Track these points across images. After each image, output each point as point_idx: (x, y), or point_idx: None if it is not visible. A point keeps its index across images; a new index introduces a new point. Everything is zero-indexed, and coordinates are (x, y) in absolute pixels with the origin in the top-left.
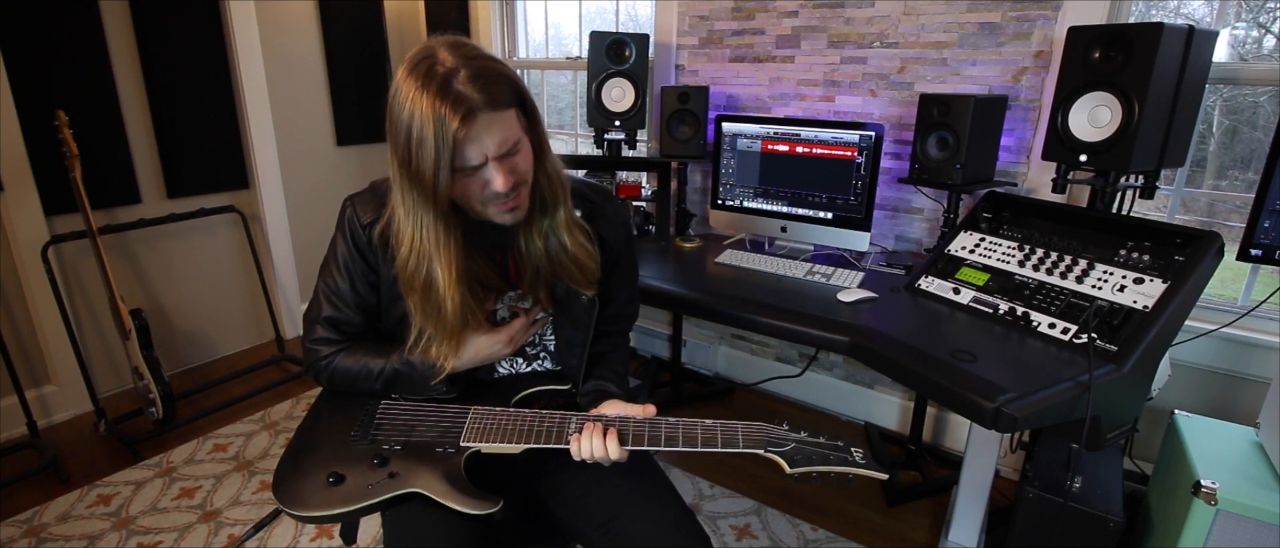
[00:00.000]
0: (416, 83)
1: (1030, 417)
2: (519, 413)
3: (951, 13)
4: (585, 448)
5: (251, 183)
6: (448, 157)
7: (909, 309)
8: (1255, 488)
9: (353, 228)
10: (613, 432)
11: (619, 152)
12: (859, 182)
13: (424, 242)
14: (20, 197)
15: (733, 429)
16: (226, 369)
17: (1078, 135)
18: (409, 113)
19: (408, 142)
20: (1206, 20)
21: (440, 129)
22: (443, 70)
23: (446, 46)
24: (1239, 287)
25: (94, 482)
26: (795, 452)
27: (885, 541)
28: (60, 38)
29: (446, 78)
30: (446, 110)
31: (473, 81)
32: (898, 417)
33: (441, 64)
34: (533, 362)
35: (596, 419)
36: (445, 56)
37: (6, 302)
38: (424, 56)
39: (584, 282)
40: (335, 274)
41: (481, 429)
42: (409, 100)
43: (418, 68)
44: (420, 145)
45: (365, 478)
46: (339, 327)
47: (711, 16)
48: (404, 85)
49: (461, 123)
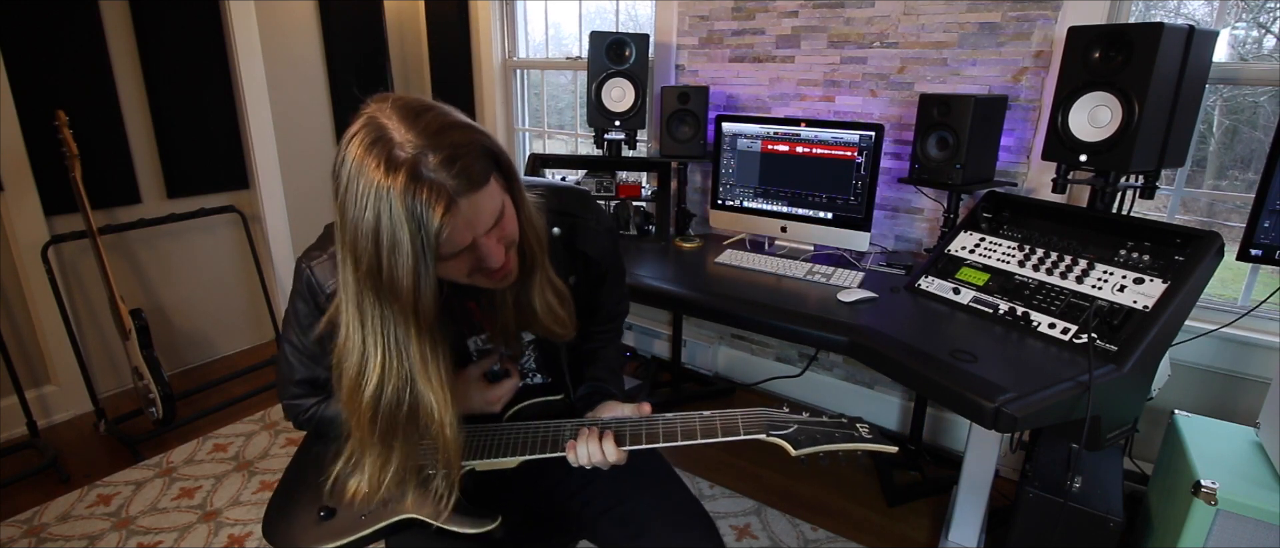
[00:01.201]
0: (374, 172)
1: (1030, 417)
2: (511, 427)
3: (951, 13)
4: (583, 454)
5: (251, 183)
6: (431, 259)
7: (909, 309)
8: (1255, 488)
9: (314, 294)
10: (609, 435)
11: (619, 152)
12: (859, 182)
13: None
14: (20, 197)
15: (732, 417)
16: (226, 369)
17: (1078, 135)
18: (374, 212)
19: (376, 247)
20: (1206, 20)
21: (419, 230)
22: (404, 156)
23: (397, 117)
24: (1239, 287)
25: (94, 482)
26: (799, 433)
27: (885, 541)
28: (60, 38)
29: (413, 165)
30: (422, 206)
31: (445, 166)
32: (898, 417)
33: (400, 148)
34: (525, 377)
35: (591, 424)
36: (400, 134)
37: (6, 302)
38: (376, 137)
39: (560, 332)
40: (301, 335)
41: (474, 447)
42: (370, 196)
43: (372, 151)
44: (393, 251)
45: (356, 509)
46: (316, 385)
47: (711, 16)
48: (358, 176)
49: (444, 216)
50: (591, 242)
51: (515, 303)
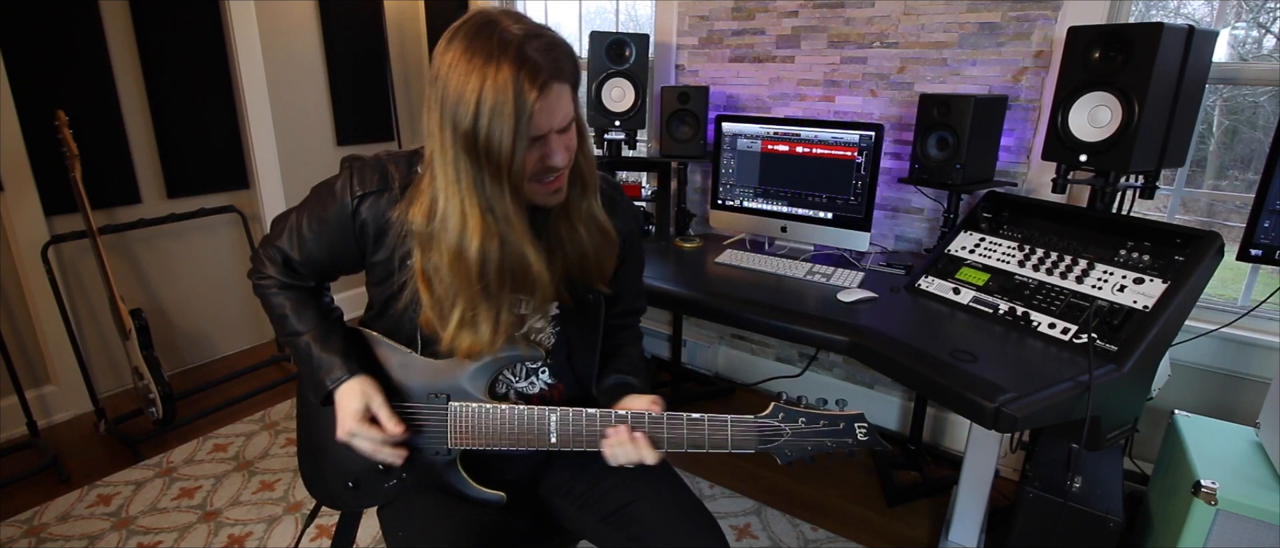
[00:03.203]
0: (483, 52)
1: (1030, 417)
2: (495, 410)
3: (951, 13)
4: (621, 455)
5: (251, 183)
6: (526, 126)
7: (909, 309)
8: (1255, 488)
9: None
10: (641, 434)
11: (619, 152)
12: (859, 182)
13: (501, 224)
14: (20, 197)
15: (722, 432)
16: (226, 369)
17: (1078, 135)
18: (480, 79)
19: (477, 114)
20: (1206, 20)
21: (519, 97)
22: (513, 37)
23: (508, 16)
24: (1239, 287)
25: (94, 482)
26: (785, 447)
27: (885, 541)
28: (60, 38)
29: (518, 44)
30: (525, 78)
31: (546, 51)
32: (898, 417)
33: (509, 32)
34: (531, 376)
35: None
36: (511, 25)
37: (6, 302)
38: (484, 25)
39: (600, 276)
40: (306, 222)
41: (463, 432)
42: (478, 71)
43: (480, 36)
44: (495, 116)
45: (378, 482)
46: (290, 267)
47: (711, 16)
48: (465, 57)
49: (541, 92)
50: (623, 219)
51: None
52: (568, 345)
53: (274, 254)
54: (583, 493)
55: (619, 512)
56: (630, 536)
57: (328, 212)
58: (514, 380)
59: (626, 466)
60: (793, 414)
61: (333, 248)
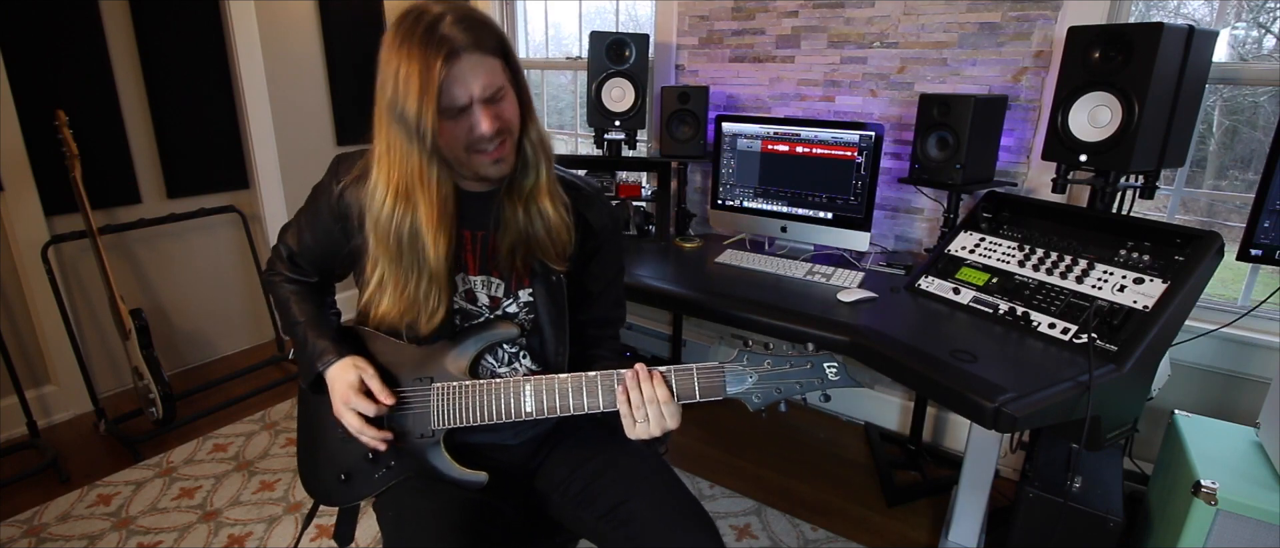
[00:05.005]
0: (403, 34)
1: (1030, 417)
2: (475, 385)
3: (951, 13)
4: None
5: (251, 183)
6: (433, 93)
7: (909, 309)
8: (1255, 488)
9: (328, 182)
10: (659, 375)
11: (619, 152)
12: (859, 182)
13: (407, 178)
14: (20, 197)
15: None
16: (226, 369)
17: (1078, 135)
18: (398, 58)
19: (394, 85)
20: (1206, 20)
21: (425, 69)
22: (429, 17)
23: (439, 3)
24: (1239, 287)
25: (94, 482)
26: (753, 393)
27: (885, 541)
28: (60, 38)
29: (432, 22)
30: (432, 50)
31: (457, 24)
32: (898, 417)
33: (428, 12)
34: (512, 362)
35: None
36: (432, 7)
37: (6, 302)
38: (409, 12)
39: (556, 256)
40: (305, 218)
41: (446, 411)
42: (396, 47)
43: (405, 19)
44: (405, 83)
45: (368, 473)
46: (295, 263)
47: (711, 16)
48: (392, 41)
49: (445, 62)
50: (596, 214)
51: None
52: (540, 329)
53: (281, 250)
54: (580, 490)
55: (616, 510)
56: (627, 534)
57: (319, 203)
58: (495, 365)
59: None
60: (757, 357)
61: (323, 236)
